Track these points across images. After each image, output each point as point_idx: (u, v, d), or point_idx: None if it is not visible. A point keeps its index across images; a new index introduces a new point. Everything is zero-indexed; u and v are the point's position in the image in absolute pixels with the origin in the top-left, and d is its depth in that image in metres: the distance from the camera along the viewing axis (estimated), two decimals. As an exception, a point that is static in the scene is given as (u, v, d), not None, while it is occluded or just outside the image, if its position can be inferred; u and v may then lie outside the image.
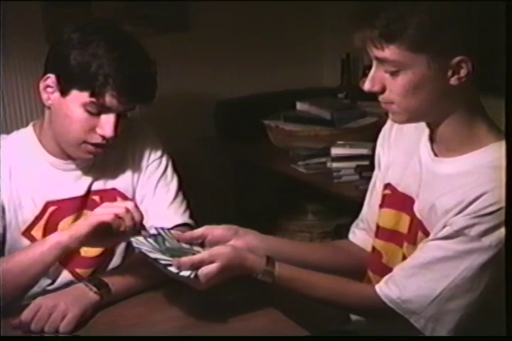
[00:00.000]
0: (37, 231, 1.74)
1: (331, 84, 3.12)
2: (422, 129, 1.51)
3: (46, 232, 1.73)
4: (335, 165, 2.46)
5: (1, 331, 1.45)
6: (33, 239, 1.73)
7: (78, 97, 1.63)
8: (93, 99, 1.61)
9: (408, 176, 1.52)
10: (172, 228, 1.70)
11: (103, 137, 1.65)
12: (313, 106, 2.82)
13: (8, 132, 1.85)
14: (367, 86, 1.42)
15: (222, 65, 3.00)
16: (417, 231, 1.48)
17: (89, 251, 1.73)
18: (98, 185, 1.78)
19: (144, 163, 1.83)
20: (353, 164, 2.42)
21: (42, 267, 1.57)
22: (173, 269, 1.41)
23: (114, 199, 1.76)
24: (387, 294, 1.44)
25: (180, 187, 1.87)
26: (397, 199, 1.54)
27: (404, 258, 1.51)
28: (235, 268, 1.44)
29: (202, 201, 3.11)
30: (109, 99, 1.62)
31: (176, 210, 1.82)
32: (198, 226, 1.80)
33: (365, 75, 2.86)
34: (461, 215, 1.36)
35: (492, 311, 1.34)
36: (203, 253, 1.45)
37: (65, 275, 1.76)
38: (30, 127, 1.79)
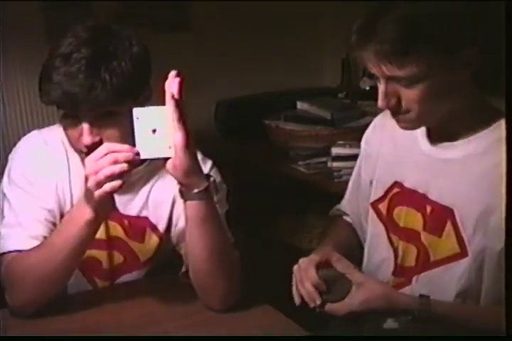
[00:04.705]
0: None
1: (331, 84, 3.12)
2: None
3: None
4: (335, 164, 2.46)
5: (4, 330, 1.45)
6: None
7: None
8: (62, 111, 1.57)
9: (412, 171, 1.48)
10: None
11: (85, 145, 1.57)
12: (313, 105, 2.82)
13: (7, 132, 1.85)
14: (381, 104, 1.35)
15: (222, 65, 3.01)
16: (445, 220, 1.41)
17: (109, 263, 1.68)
18: (129, 210, 1.69)
19: None
20: (353, 163, 2.41)
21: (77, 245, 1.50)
22: None
23: (143, 230, 1.69)
24: None
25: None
26: (405, 196, 1.50)
27: (420, 251, 1.45)
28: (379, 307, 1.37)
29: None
30: (62, 106, 1.56)
31: None
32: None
33: (365, 75, 2.92)
34: None
35: None
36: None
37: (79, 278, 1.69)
38: None
